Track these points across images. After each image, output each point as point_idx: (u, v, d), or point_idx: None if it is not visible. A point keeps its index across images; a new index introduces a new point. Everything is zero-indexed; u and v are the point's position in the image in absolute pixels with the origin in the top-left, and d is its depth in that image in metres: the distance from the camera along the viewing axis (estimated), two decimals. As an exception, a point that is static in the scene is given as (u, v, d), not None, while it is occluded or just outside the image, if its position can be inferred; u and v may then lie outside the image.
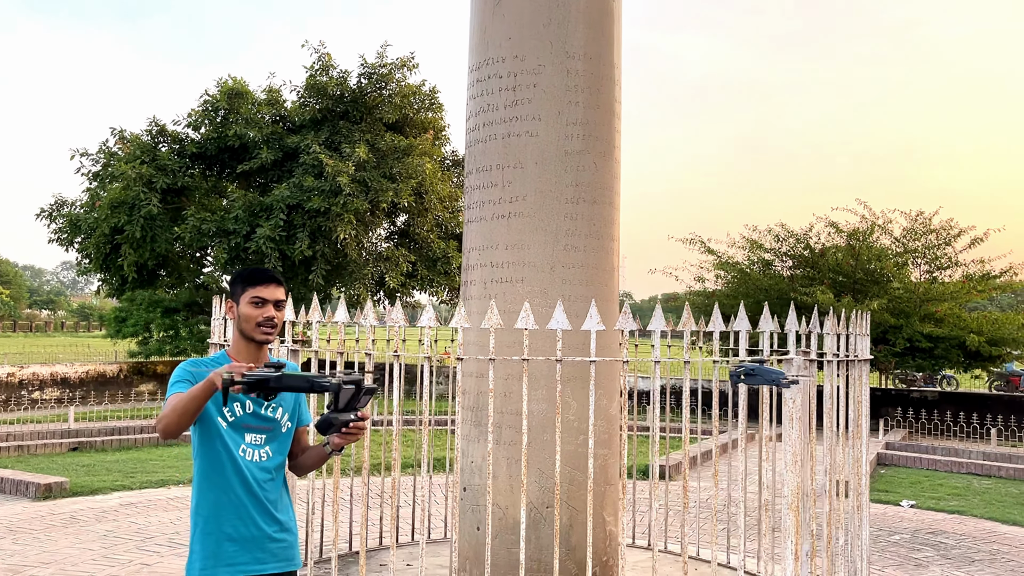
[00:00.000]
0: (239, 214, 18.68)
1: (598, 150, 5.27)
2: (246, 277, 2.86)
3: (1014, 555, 7.39)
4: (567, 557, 5.10)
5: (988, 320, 16.25)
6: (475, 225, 5.35)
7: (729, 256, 18.48)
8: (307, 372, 2.53)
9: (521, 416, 5.21)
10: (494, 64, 5.29)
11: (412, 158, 19.25)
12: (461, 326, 3.75)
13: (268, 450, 2.84)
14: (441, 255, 21.02)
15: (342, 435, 2.70)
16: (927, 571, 6.82)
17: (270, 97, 20.59)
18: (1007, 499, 9.88)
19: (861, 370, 4.59)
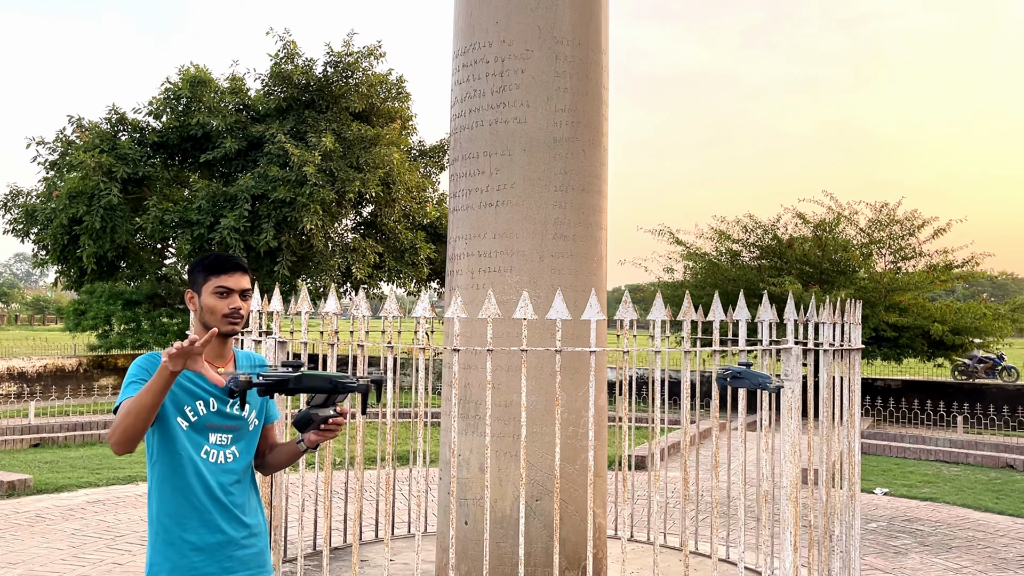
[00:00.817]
0: (202, 204, 18.33)
1: (587, 137, 5.18)
2: (208, 265, 2.64)
3: (990, 541, 7.49)
4: (558, 550, 5.02)
5: (951, 309, 16.52)
6: (461, 213, 5.23)
7: (697, 247, 18.56)
8: (325, 371, 2.39)
9: (510, 408, 5.12)
10: (480, 49, 5.18)
11: (379, 148, 19.04)
12: (457, 316, 3.64)
13: (235, 450, 2.65)
14: (409, 246, 20.82)
15: (320, 432, 2.53)
16: (907, 559, 6.87)
17: (234, 85, 20.20)
18: (977, 486, 10.03)
19: (854, 359, 4.57)
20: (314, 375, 2.28)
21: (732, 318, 4.04)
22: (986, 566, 6.71)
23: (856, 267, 17.03)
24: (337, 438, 7.79)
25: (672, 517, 7.13)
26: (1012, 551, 7.18)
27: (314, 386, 2.28)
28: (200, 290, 2.63)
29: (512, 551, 4.98)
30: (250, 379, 2.22)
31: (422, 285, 21.90)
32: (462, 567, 5.13)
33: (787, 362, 3.99)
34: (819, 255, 17.01)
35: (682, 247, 18.46)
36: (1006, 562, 6.84)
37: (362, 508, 4.89)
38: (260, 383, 2.22)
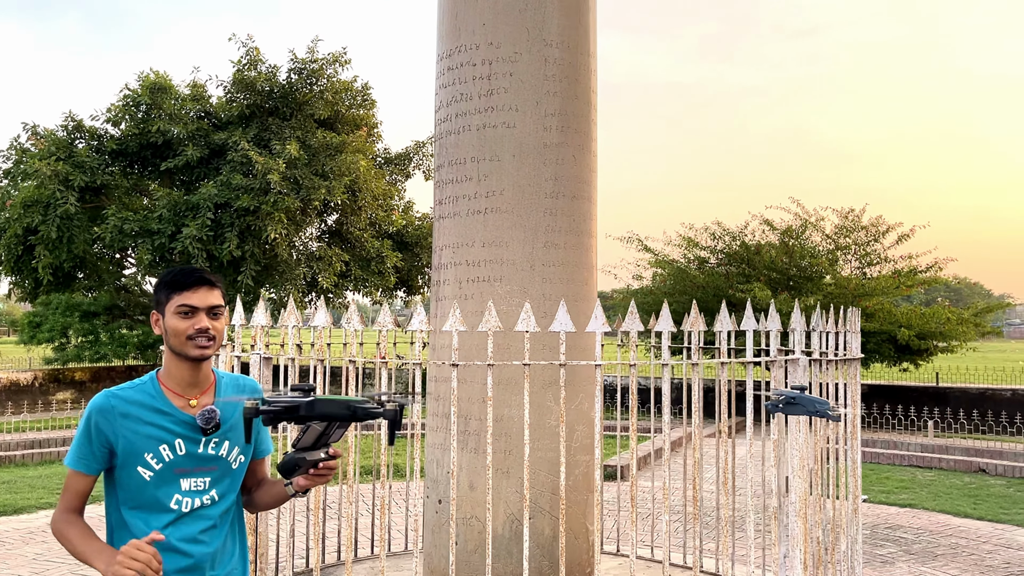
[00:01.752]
0: (163, 213, 17.88)
1: (576, 143, 5.04)
2: (169, 281, 2.31)
3: (973, 548, 7.47)
4: (550, 570, 4.86)
5: (917, 314, 16.67)
6: (448, 221, 5.05)
7: (666, 254, 18.56)
8: (339, 395, 2.07)
9: (501, 423, 4.93)
10: (467, 51, 5.01)
11: (345, 155, 18.76)
12: (456, 329, 3.46)
13: (214, 494, 2.32)
14: (375, 254, 20.53)
15: (310, 477, 2.22)
16: (894, 568, 6.81)
17: (195, 92, 19.77)
18: (953, 491, 10.06)
19: (855, 368, 4.48)
20: (330, 400, 1.99)
21: (741, 327, 3.92)
22: (974, 573, 6.67)
23: (823, 273, 17.13)
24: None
25: (658, 529, 6.98)
26: (997, 558, 7.16)
27: (329, 413, 1.99)
28: (164, 310, 2.31)
29: (504, 571, 4.80)
30: (256, 405, 1.96)
31: (389, 294, 21.62)
32: (452, 589, 4.94)
33: (794, 372, 3.87)
34: (786, 261, 17.08)
35: (651, 254, 18.43)
36: (992, 569, 6.81)
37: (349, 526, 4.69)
38: (267, 410, 1.95)
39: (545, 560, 4.85)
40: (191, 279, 2.30)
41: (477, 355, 4.68)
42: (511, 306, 4.73)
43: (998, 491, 10.10)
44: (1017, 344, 74.46)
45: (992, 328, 19.26)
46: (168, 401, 2.29)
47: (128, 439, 2.23)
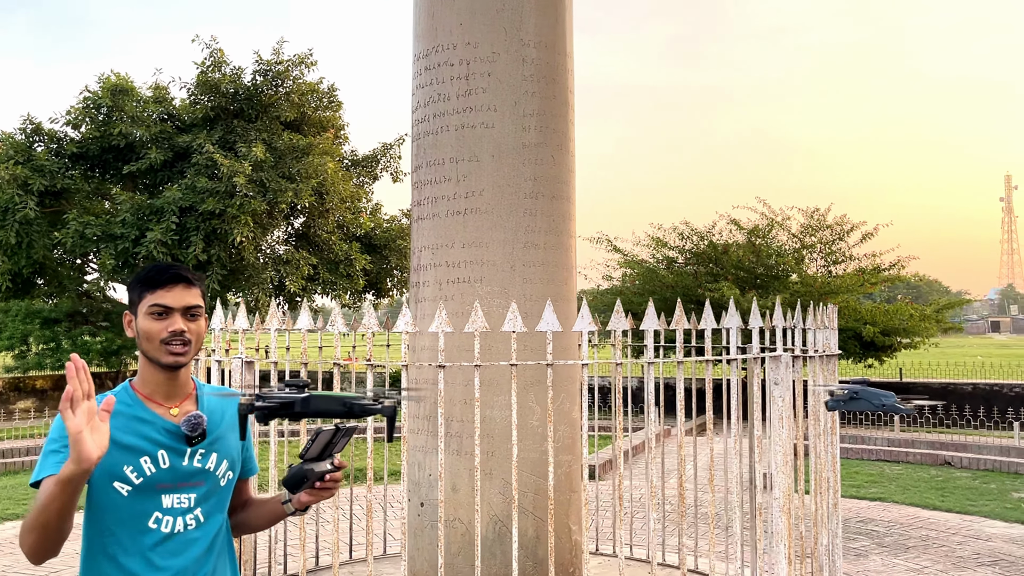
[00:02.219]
0: (127, 217, 17.59)
1: (555, 142, 5.04)
2: (143, 279, 2.10)
3: (944, 540, 7.60)
4: (535, 570, 4.85)
5: (881, 311, 16.96)
6: (427, 222, 5.03)
7: (635, 255, 18.67)
8: (335, 391, 1.96)
9: (484, 424, 4.93)
10: (444, 51, 4.99)
11: (312, 157, 18.59)
12: (442, 330, 3.44)
13: (199, 513, 2.09)
14: (343, 257, 20.39)
15: (314, 491, 2.05)
16: (868, 561, 6.91)
17: (157, 94, 19.48)
18: (920, 484, 10.24)
19: (834, 364, 4.53)
20: (325, 396, 1.91)
21: (723, 325, 3.94)
22: (945, 565, 6.79)
23: (790, 271, 17.35)
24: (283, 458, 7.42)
25: (635, 527, 7.01)
26: (967, 549, 7.29)
27: (325, 409, 1.90)
28: (136, 311, 2.09)
29: (488, 572, 4.78)
30: (252, 401, 1.88)
31: (358, 297, 21.48)
32: (435, 592, 4.91)
33: (776, 370, 3.91)
34: (754, 260, 17.27)
35: (620, 255, 18.53)
36: (963, 560, 6.94)
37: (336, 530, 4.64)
38: (262, 406, 1.88)
39: (528, 560, 4.84)
40: (165, 276, 2.08)
41: (459, 356, 4.66)
42: (492, 307, 4.72)
43: (964, 483, 10.30)
44: (975, 339, 76.04)
45: (952, 324, 19.65)
46: (148, 408, 2.07)
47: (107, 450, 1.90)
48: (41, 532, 1.82)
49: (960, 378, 20.60)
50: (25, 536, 1.83)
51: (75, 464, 1.73)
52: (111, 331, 20.02)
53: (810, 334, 4.28)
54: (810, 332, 4.26)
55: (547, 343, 3.48)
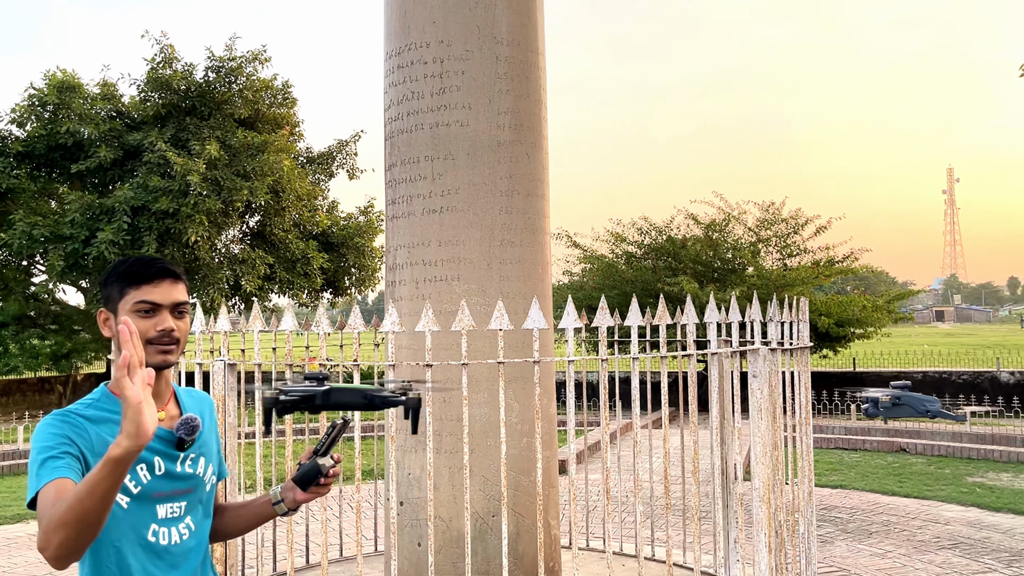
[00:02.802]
0: (76, 218, 17.19)
1: (529, 140, 5.06)
2: (124, 273, 1.95)
3: (904, 525, 7.81)
4: (515, 566, 4.87)
5: (835, 302, 17.32)
6: (402, 221, 5.01)
7: (594, 250, 18.79)
8: (355, 384, 1.92)
9: (462, 422, 4.93)
10: (417, 49, 4.97)
11: (268, 155, 18.35)
12: (429, 329, 3.44)
13: (189, 523, 2.00)
14: (300, 256, 20.17)
15: (316, 488, 2.01)
16: (834, 547, 7.07)
17: (105, 91, 19.05)
18: (879, 471, 10.50)
19: (806, 356, 4.63)
20: (346, 389, 1.87)
21: (705, 320, 4.00)
22: (907, 549, 6.98)
23: (746, 265, 17.62)
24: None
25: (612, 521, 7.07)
26: (927, 533, 7.50)
27: (345, 401, 1.86)
28: (116, 308, 1.95)
29: (467, 572, 4.78)
30: (276, 396, 1.83)
31: (315, 296, 21.27)
32: (416, 591, 4.90)
33: (755, 362, 3.98)
34: (711, 254, 17.51)
35: (580, 250, 18.64)
36: (924, 544, 7.14)
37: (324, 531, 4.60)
38: (286, 400, 1.84)
39: (509, 556, 4.86)
40: (152, 270, 1.94)
41: (438, 355, 4.65)
42: (471, 305, 4.72)
43: (920, 469, 10.58)
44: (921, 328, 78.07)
45: (903, 314, 20.17)
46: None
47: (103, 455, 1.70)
48: (77, 526, 1.60)
49: (909, 367, 21.14)
50: (54, 534, 1.61)
51: (132, 440, 1.56)
52: (61, 334, 19.55)
53: (781, 327, 4.37)
54: (780, 324, 4.34)
55: (534, 340, 3.50)
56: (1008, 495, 8.92)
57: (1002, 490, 9.21)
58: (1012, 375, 18.09)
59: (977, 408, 13.64)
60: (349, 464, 10.96)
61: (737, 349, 4.06)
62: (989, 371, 18.38)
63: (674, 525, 7.74)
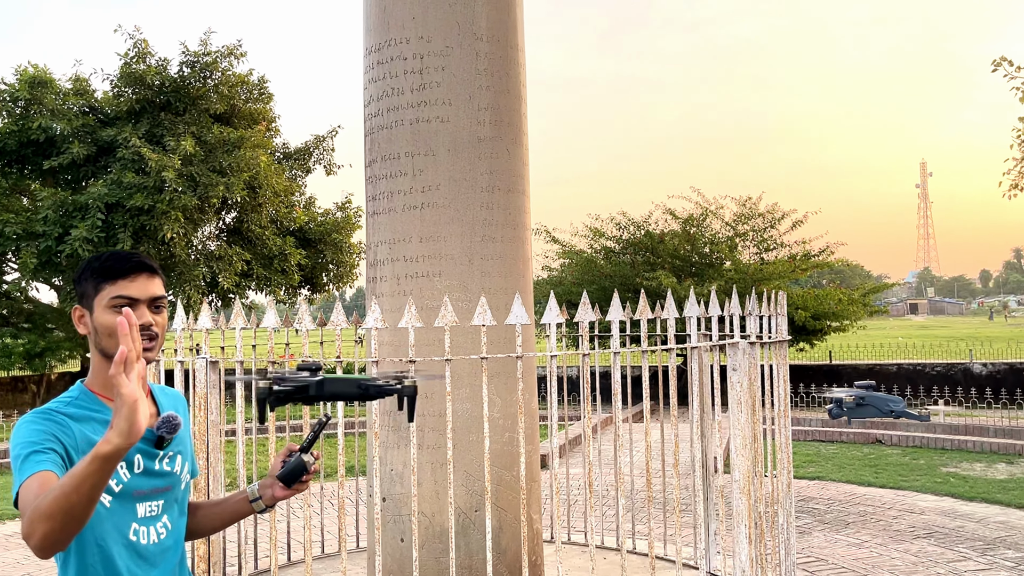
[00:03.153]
0: (49, 215, 16.97)
1: (509, 136, 5.07)
2: (100, 268, 1.91)
3: (880, 515, 7.92)
4: (498, 561, 4.90)
5: (812, 296, 17.49)
6: (383, 217, 5.01)
7: (572, 245, 18.84)
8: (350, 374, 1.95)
9: (444, 418, 4.94)
10: (397, 45, 4.97)
11: (244, 151, 18.21)
12: (412, 325, 3.45)
13: (166, 521, 1.97)
14: (278, 252, 20.04)
15: (297, 485, 2.00)
16: (812, 537, 7.16)
17: (78, 86, 18.82)
18: (855, 462, 10.63)
19: (784, 349, 4.68)
20: (340, 379, 1.85)
21: (679, 315, 4.04)
22: (884, 539, 7.08)
23: (724, 259, 17.74)
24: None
25: (595, 515, 7.12)
26: (903, 522, 7.62)
27: (340, 392, 1.84)
28: (92, 304, 1.91)
29: (451, 566, 4.80)
30: (271, 386, 1.81)
31: (293, 292, 21.17)
32: (399, 587, 4.91)
33: (734, 356, 4.02)
34: (689, 249, 17.62)
35: (559, 245, 18.68)
36: (900, 533, 7.24)
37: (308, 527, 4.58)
38: (280, 390, 1.82)
39: (493, 551, 4.88)
40: (129, 265, 1.91)
41: (420, 351, 4.66)
42: (453, 301, 4.73)
43: (895, 460, 10.73)
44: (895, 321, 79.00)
45: (878, 307, 20.41)
46: (112, 411, 1.85)
47: (87, 452, 1.67)
48: (63, 518, 1.58)
49: (885, 359, 21.39)
50: (38, 524, 1.59)
51: (124, 438, 1.53)
52: (34, 333, 19.33)
53: (760, 320, 4.41)
54: (758, 318, 4.39)
55: (517, 336, 3.52)
56: (981, 485, 9.07)
57: (975, 480, 9.36)
58: (984, 367, 18.36)
59: (945, 408, 13.85)
60: (332, 461, 10.94)
61: (717, 343, 4.10)
62: (962, 363, 18.64)
63: (656, 518, 7.80)
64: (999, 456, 10.88)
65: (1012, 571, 6.15)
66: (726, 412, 9.11)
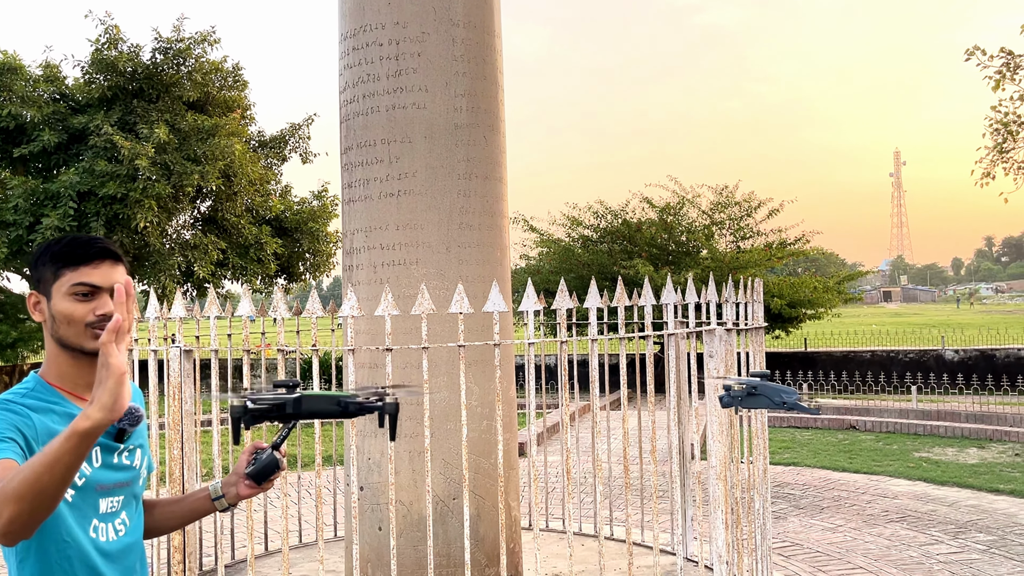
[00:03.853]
0: (19, 203, 16.71)
1: (487, 123, 5.05)
2: (61, 253, 1.81)
3: (854, 500, 8.01)
4: (476, 548, 4.90)
5: (787, 284, 17.62)
6: (359, 205, 4.97)
7: (550, 233, 18.85)
8: (328, 390, 1.85)
9: (421, 406, 4.93)
10: (373, 31, 4.92)
11: (218, 139, 18.01)
12: (389, 314, 3.43)
13: (125, 518, 1.89)
14: (254, 241, 19.87)
15: (265, 483, 1.93)
16: (787, 522, 7.23)
17: (48, 73, 18.50)
18: (830, 448, 10.74)
19: (760, 336, 4.71)
20: (318, 396, 1.79)
21: (662, 301, 4.05)
22: (858, 523, 7.16)
23: (700, 247, 17.82)
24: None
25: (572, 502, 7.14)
26: (876, 507, 7.71)
27: (318, 409, 1.79)
28: (50, 290, 1.81)
29: (428, 554, 4.80)
30: (244, 404, 1.75)
31: (270, 282, 21.02)
32: (377, 574, 4.90)
33: (711, 343, 4.04)
34: (666, 237, 17.68)
35: (536, 234, 18.68)
36: (874, 518, 7.33)
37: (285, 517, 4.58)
38: (255, 409, 1.76)
39: (471, 539, 4.88)
40: (92, 251, 1.81)
41: (397, 339, 4.64)
42: (430, 289, 4.71)
43: (868, 445, 10.85)
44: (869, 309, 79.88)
45: (853, 295, 20.61)
46: (71, 403, 1.83)
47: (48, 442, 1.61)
48: (33, 501, 1.48)
49: (859, 346, 21.62)
50: (5, 507, 1.49)
51: (105, 413, 1.46)
52: (6, 323, 19.06)
53: (736, 308, 4.43)
54: (735, 305, 4.41)
55: (494, 323, 3.51)
56: (953, 469, 9.20)
57: (947, 465, 9.49)
58: (956, 353, 18.60)
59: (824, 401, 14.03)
60: (309, 451, 10.90)
61: (694, 330, 4.11)
62: (935, 349, 18.88)
63: (633, 504, 7.84)
64: (970, 441, 11.04)
65: (983, 554, 6.24)
66: (702, 399, 9.17)
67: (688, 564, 5.40)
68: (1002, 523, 7.07)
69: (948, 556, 6.21)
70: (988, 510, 7.51)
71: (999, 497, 7.98)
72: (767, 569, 4.78)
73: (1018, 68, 12.84)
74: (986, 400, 13.35)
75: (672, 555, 5.69)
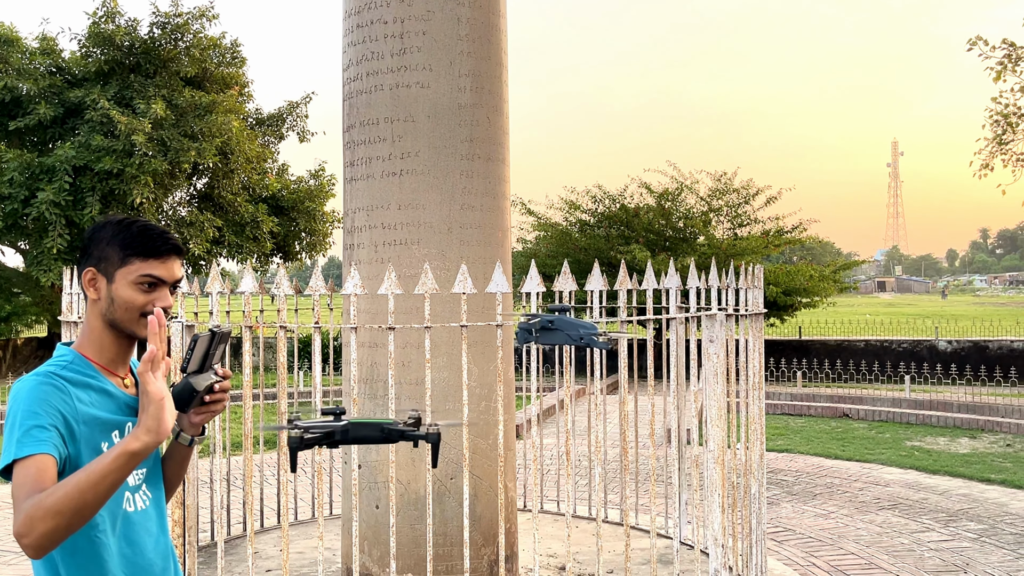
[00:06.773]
0: (15, 177, 16.61)
1: (490, 104, 5.03)
2: (131, 242, 1.86)
3: (847, 487, 8.07)
4: (473, 528, 4.92)
5: (783, 272, 17.64)
6: (361, 183, 4.95)
7: (548, 217, 18.82)
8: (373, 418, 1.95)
9: (420, 386, 4.92)
10: (378, 8, 4.89)
11: (216, 115, 17.91)
12: (391, 293, 3.43)
13: (146, 490, 1.95)
14: (250, 219, 19.81)
15: (204, 408, 1.92)
16: (780, 508, 7.28)
17: (45, 46, 18.38)
18: (823, 435, 10.80)
19: (759, 323, 4.72)
20: (364, 423, 1.91)
21: (663, 285, 4.05)
22: (850, 510, 7.22)
23: (697, 234, 17.82)
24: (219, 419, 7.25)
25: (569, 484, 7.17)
26: (868, 494, 7.76)
27: (364, 436, 1.91)
28: (113, 274, 1.86)
29: (426, 533, 4.82)
30: (301, 435, 1.85)
31: (265, 260, 20.98)
32: (374, 552, 4.93)
33: (711, 328, 4.05)
34: (663, 223, 17.68)
35: (534, 218, 18.65)
36: (865, 505, 7.38)
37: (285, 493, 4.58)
38: (310, 438, 1.86)
39: (468, 518, 4.90)
40: (165, 246, 1.88)
41: (398, 319, 4.64)
42: (431, 269, 4.70)
43: (861, 433, 10.92)
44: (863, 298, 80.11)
45: (848, 284, 20.64)
46: (107, 380, 1.90)
47: (87, 424, 1.78)
48: (72, 516, 1.57)
49: (853, 335, 21.69)
50: (41, 522, 1.56)
51: (152, 436, 1.62)
52: (5, 297, 19.01)
53: (736, 293, 4.44)
54: (735, 291, 4.42)
55: (497, 304, 3.51)
56: (945, 458, 9.26)
57: (939, 454, 9.56)
58: (949, 343, 18.68)
59: (818, 389, 14.11)
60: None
61: (696, 314, 4.12)
62: (928, 339, 18.95)
63: (629, 487, 7.88)
64: (962, 431, 11.11)
65: (974, 542, 6.30)
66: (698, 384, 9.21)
67: (683, 548, 5.44)
68: (993, 512, 7.13)
69: (939, 544, 6.26)
70: (979, 499, 7.57)
71: (990, 487, 8.04)
72: (761, 554, 4.81)
73: (1020, 60, 12.83)
74: (978, 391, 13.43)
75: (668, 539, 5.73)
